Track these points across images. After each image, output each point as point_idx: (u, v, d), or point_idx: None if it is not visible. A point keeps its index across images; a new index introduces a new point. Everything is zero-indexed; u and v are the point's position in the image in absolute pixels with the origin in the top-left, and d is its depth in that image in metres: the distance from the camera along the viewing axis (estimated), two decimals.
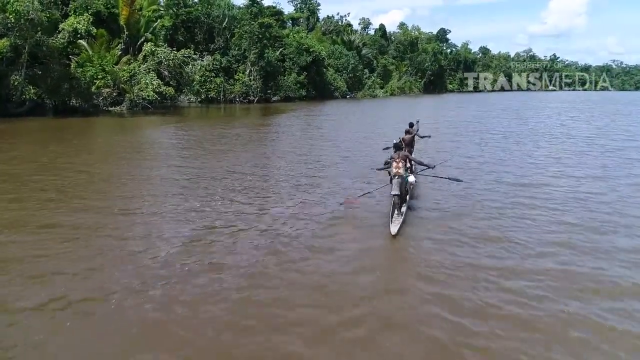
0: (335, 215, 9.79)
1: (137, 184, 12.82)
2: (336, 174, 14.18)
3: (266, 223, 9.23)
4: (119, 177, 13.34)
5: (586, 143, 21.59)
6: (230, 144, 20.36)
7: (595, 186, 12.84)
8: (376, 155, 15.02)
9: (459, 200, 11.19)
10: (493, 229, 9.07)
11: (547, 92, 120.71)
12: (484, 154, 18.14)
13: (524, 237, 8.65)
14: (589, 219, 9.84)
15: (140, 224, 9.27)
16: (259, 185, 12.60)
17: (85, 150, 18.62)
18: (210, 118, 36.48)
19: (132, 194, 11.69)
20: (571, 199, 11.38)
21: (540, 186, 12.77)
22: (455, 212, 10.14)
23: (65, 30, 29.63)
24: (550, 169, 15.22)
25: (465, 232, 8.83)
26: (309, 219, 9.49)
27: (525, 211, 10.29)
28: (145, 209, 10.23)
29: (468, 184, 12.08)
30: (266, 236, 8.53)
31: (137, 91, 34.94)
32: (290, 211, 10.07)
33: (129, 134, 24.21)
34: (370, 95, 74.09)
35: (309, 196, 11.47)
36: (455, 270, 7.19)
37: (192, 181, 12.92)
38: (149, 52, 36.72)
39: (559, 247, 8.19)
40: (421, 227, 9.18)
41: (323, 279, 6.90)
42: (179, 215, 9.76)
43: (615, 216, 10.02)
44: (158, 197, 11.22)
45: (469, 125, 29.36)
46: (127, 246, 8.02)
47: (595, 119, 36.32)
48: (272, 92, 51.59)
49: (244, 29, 48.28)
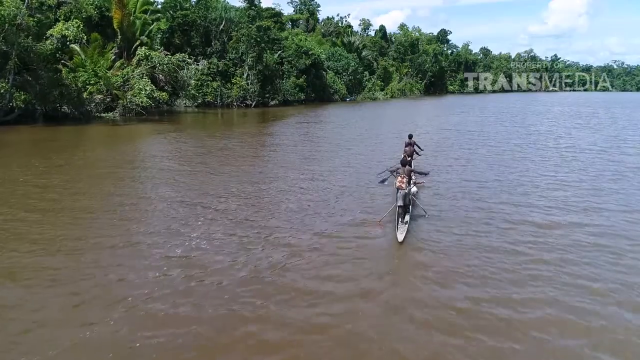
0: (348, 227, 10.37)
1: (112, 224, 10.32)
2: (340, 191, 13.68)
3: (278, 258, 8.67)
4: (89, 211, 11.19)
5: (599, 158, 19.66)
6: (227, 159, 18.98)
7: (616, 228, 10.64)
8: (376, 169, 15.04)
9: (458, 210, 11.80)
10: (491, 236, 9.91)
11: (548, 93, 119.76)
12: (486, 175, 16.08)
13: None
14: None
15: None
16: (263, 208, 11.74)
17: (63, 168, 16.56)
18: (206, 126, 35.24)
19: (96, 241, 9.24)
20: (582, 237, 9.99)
21: (548, 226, 10.68)
22: (455, 221, 10.88)
23: (54, 37, 28.53)
24: (559, 197, 12.98)
25: (465, 241, 9.61)
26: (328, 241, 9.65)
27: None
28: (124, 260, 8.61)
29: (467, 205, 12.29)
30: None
31: (130, 97, 33.98)
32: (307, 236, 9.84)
33: (116, 146, 22.59)
34: (370, 98, 73.00)
35: (317, 217, 11.12)
36: (455, 273, 8.09)
37: (186, 213, 11.25)
38: (143, 56, 35.72)
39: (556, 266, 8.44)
40: (425, 234, 10.00)
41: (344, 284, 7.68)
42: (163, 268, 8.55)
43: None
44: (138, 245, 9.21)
45: (470, 137, 26.53)
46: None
47: (603, 125, 34.87)
48: (270, 96, 50.57)
49: (242, 32, 47.28)
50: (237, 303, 6.89)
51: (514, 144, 23.49)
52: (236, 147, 22.52)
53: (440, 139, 25.70)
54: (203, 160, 18.34)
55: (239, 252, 8.79)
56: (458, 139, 25.76)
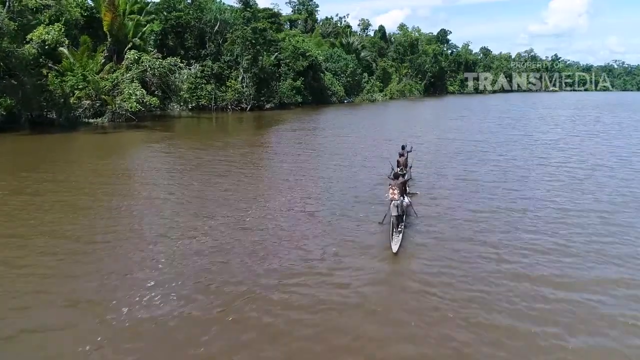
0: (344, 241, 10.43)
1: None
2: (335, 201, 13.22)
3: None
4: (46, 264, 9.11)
5: (609, 177, 17.41)
6: (221, 172, 17.62)
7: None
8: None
9: (452, 222, 11.90)
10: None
11: (548, 93, 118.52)
12: (490, 203, 13.85)
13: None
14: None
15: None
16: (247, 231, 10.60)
17: (32, 188, 14.83)
18: (200, 132, 33.99)
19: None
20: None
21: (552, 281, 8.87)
22: (450, 233, 11.07)
23: (34, 41, 27.41)
24: (565, 234, 11.08)
25: (458, 248, 10.02)
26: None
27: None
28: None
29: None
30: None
31: (119, 102, 32.92)
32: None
33: (97, 161, 20.87)
34: (368, 99, 71.83)
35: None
36: (448, 282, 8.42)
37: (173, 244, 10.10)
38: (133, 59, 34.63)
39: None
40: (419, 244, 10.31)
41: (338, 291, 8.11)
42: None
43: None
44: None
45: (471, 151, 23.75)
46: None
47: (615, 134, 31.98)
48: (265, 99, 49.45)
49: (237, 34, 46.16)
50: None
51: (519, 160, 21.15)
52: (223, 162, 20.24)
53: (438, 152, 23.62)
54: (187, 181, 16.25)
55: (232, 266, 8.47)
56: (457, 152, 23.43)
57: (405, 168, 14.89)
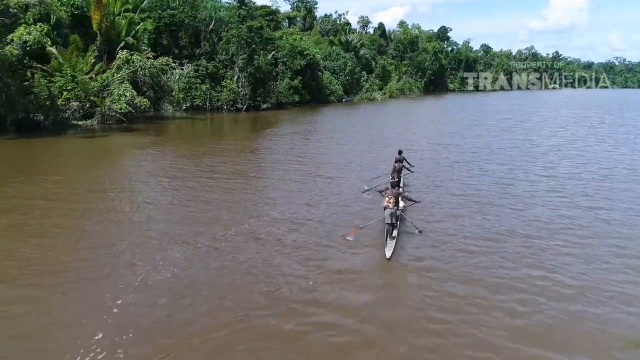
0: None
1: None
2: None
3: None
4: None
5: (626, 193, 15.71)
6: (206, 186, 16.31)
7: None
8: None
9: (443, 226, 12.10)
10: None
11: (549, 92, 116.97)
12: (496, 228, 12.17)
13: None
14: None
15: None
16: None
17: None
18: (193, 135, 32.63)
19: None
20: None
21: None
22: (440, 238, 11.19)
23: (15, 42, 26.29)
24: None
25: (448, 254, 10.22)
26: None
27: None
28: None
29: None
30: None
31: (109, 103, 31.84)
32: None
33: (81, 167, 19.86)
34: (368, 98, 70.63)
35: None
36: (440, 289, 8.67)
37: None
38: (124, 60, 33.53)
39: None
40: (411, 251, 10.49)
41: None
42: None
43: None
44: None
45: (470, 160, 21.88)
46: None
47: (618, 140, 29.25)
48: (261, 99, 48.31)
49: (232, 33, 45.00)
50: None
51: (522, 171, 19.43)
52: (209, 173, 18.56)
53: (435, 161, 21.69)
54: (168, 199, 14.73)
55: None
56: (456, 161, 21.52)
57: (399, 174, 14.87)
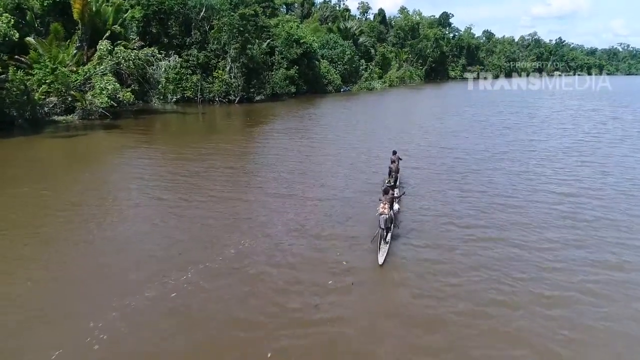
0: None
1: None
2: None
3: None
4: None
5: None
6: (183, 197, 14.58)
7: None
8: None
9: (437, 231, 11.77)
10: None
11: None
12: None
13: None
14: None
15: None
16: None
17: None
18: (182, 132, 30.24)
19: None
20: None
21: None
22: (434, 243, 10.95)
23: None
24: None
25: (440, 261, 9.98)
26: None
27: None
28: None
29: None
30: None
31: (90, 98, 30.00)
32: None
33: (49, 177, 17.54)
34: (367, 88, 68.44)
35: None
36: (431, 296, 8.60)
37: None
38: (105, 51, 31.55)
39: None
40: (404, 256, 10.30)
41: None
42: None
43: None
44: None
45: (474, 169, 18.63)
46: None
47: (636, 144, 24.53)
48: (255, 90, 46.28)
49: (223, 21, 42.84)
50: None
51: (524, 185, 16.33)
52: (188, 182, 16.63)
53: (428, 170, 18.83)
54: (138, 217, 13.04)
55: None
56: (459, 171, 18.32)
57: (396, 174, 14.95)
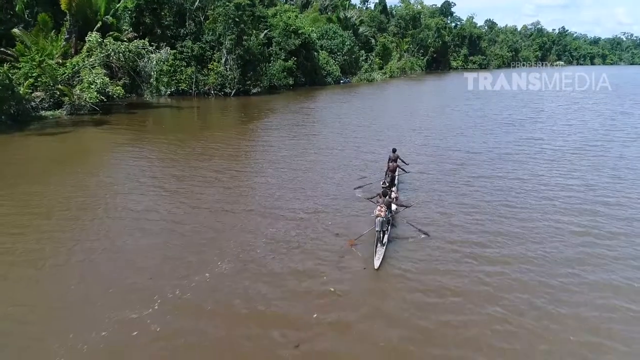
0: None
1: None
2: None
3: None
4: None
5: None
6: (167, 208, 13.41)
7: None
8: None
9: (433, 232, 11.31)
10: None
11: (556, 69, 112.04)
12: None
13: None
14: None
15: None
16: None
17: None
18: (176, 128, 28.64)
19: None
20: None
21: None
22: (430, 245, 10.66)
23: None
24: None
25: (436, 266, 9.72)
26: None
27: None
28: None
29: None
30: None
31: (78, 92, 28.85)
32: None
33: (31, 178, 16.31)
34: (367, 79, 67.02)
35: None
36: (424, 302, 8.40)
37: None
38: (95, 43, 30.32)
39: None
40: (400, 260, 9.98)
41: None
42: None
43: None
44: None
45: (482, 184, 15.95)
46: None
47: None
48: (252, 82, 45.01)
49: (218, 11, 41.47)
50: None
51: (530, 193, 14.90)
52: (174, 189, 15.56)
53: (425, 174, 17.38)
54: (141, 225, 12.30)
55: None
56: (448, 172, 17.38)
57: (394, 173, 14.62)
